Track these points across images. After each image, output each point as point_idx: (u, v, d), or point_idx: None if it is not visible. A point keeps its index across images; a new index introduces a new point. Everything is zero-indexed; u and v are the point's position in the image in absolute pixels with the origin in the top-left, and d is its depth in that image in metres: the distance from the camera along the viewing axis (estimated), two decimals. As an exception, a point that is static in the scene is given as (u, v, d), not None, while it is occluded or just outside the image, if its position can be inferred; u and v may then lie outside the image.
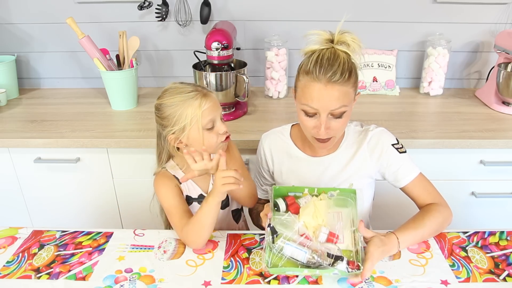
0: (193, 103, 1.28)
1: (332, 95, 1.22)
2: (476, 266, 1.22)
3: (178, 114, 1.28)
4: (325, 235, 1.17)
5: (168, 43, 2.38)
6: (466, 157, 1.90)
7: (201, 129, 1.29)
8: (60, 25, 2.27)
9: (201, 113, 1.28)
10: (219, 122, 1.33)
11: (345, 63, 1.22)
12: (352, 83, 1.25)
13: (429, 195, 1.37)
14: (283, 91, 2.30)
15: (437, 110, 2.17)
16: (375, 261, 1.15)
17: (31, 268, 1.24)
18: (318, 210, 1.21)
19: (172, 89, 1.32)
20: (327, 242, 1.17)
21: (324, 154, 1.44)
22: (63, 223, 2.12)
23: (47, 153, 1.94)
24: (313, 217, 1.20)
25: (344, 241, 1.19)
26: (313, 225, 1.19)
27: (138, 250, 1.31)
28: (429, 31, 2.28)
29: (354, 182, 1.41)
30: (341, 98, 1.22)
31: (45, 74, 2.51)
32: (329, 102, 1.22)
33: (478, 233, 1.36)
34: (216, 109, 1.32)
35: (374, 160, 1.40)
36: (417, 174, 1.38)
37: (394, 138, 1.41)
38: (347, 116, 1.28)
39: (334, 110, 1.23)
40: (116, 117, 2.12)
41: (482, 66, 2.39)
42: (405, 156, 1.39)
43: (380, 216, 1.71)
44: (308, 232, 1.18)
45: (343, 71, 1.21)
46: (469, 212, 2.02)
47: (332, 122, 1.26)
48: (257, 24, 2.31)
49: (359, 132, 1.43)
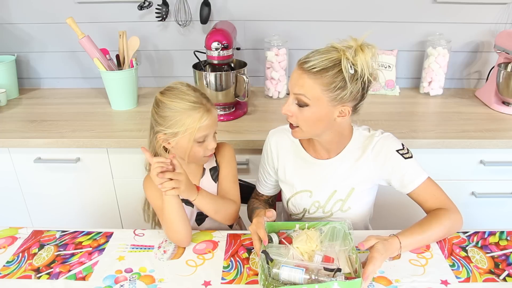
0: (194, 115, 1.28)
1: (297, 80, 1.24)
2: (476, 266, 1.22)
3: (175, 120, 1.29)
4: (320, 256, 1.16)
5: (168, 43, 2.38)
6: (466, 157, 1.90)
7: (192, 141, 1.30)
8: (60, 25, 2.27)
9: (198, 128, 1.29)
10: (211, 138, 1.35)
11: (327, 60, 1.20)
12: (322, 82, 1.21)
13: (436, 200, 1.35)
14: (283, 91, 2.30)
15: (437, 110, 2.17)
16: (377, 266, 1.14)
17: (31, 268, 1.24)
18: (310, 238, 1.21)
19: (177, 90, 1.32)
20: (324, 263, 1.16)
21: (327, 157, 1.43)
22: (63, 223, 2.12)
23: (47, 153, 1.94)
24: (306, 243, 1.19)
25: (340, 264, 1.17)
26: (307, 251, 1.19)
27: (138, 250, 1.31)
28: (429, 31, 2.28)
29: (356, 187, 1.41)
30: (304, 87, 1.23)
31: (45, 74, 2.51)
32: (294, 85, 1.26)
33: (478, 233, 1.36)
34: (213, 125, 1.33)
35: (378, 166, 1.38)
36: (424, 179, 1.35)
37: (399, 144, 1.39)
38: (313, 115, 1.26)
39: (296, 95, 1.25)
40: (116, 117, 2.12)
41: (482, 66, 2.39)
42: (411, 162, 1.36)
43: (381, 215, 1.70)
44: (303, 257, 1.17)
45: (316, 64, 1.20)
46: (469, 212, 2.02)
47: (295, 109, 1.28)
48: (257, 24, 2.31)
49: (366, 137, 1.41)
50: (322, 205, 1.45)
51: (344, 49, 1.21)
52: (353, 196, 1.41)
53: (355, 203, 1.42)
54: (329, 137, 1.36)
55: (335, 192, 1.43)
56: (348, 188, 1.41)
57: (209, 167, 1.49)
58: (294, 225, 1.30)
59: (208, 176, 1.49)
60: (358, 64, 1.20)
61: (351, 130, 1.42)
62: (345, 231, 1.25)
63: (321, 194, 1.44)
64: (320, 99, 1.24)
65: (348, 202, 1.42)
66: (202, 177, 1.48)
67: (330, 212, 1.45)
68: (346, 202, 1.42)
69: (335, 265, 1.13)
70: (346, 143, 1.41)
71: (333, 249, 1.20)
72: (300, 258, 1.17)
